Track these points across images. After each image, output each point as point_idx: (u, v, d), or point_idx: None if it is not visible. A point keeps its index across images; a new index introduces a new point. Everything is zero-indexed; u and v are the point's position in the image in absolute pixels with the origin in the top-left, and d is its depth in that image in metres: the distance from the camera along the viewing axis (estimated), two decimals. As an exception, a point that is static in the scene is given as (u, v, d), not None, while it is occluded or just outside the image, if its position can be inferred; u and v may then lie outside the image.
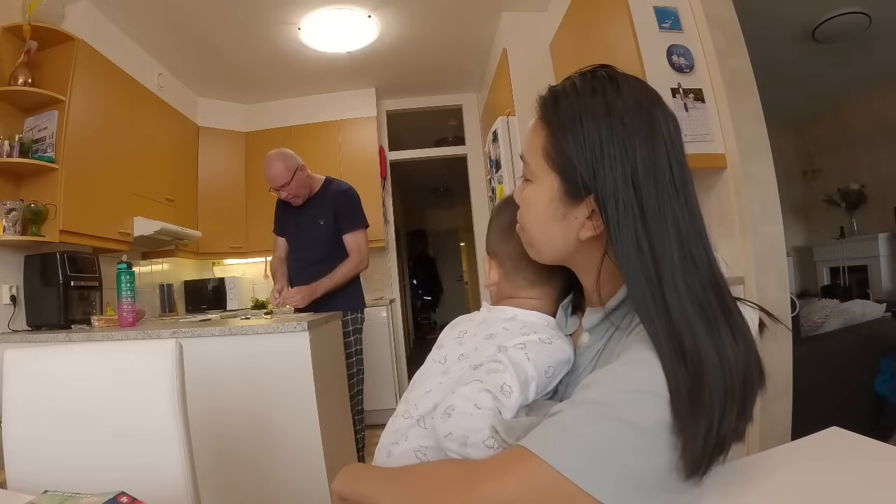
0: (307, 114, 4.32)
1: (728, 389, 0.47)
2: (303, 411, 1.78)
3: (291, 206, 2.47)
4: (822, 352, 2.16)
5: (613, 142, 0.52)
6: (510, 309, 0.70)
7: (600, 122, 0.53)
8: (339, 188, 2.49)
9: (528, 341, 0.62)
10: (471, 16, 3.33)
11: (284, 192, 2.38)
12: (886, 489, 0.50)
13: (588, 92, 0.55)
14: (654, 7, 2.14)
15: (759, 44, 2.23)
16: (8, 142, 2.27)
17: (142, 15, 2.97)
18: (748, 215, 1.92)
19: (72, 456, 0.98)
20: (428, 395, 0.65)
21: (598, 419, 0.46)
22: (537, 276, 0.70)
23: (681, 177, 0.53)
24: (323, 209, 2.43)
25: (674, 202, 0.52)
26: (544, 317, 0.69)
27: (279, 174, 2.33)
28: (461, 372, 0.64)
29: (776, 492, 0.53)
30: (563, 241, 0.59)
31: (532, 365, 0.59)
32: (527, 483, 0.45)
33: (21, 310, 2.36)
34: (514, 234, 0.69)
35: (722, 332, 0.49)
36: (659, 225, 0.51)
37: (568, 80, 0.59)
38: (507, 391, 0.56)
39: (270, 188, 2.39)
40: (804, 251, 5.72)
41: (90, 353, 1.09)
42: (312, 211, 2.45)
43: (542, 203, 0.59)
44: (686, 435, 0.45)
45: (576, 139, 0.54)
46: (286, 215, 2.56)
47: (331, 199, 2.44)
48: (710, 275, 0.52)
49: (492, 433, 0.54)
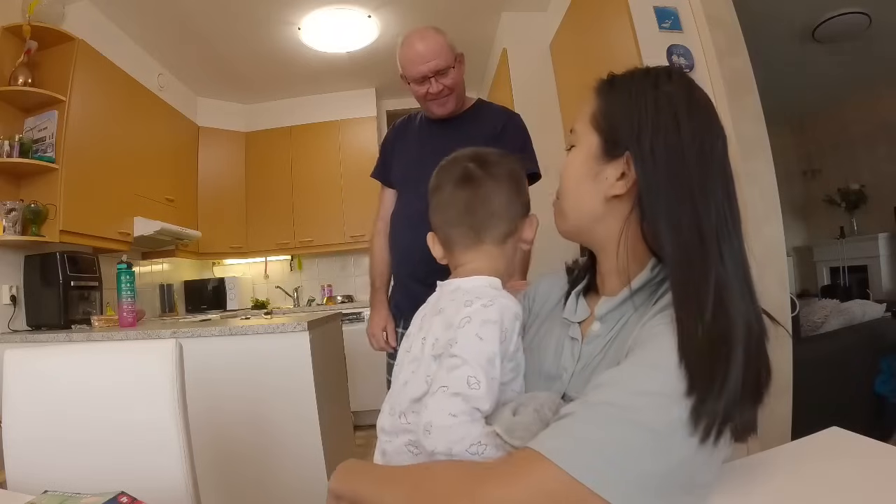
0: (307, 114, 4.32)
1: (748, 353, 0.48)
2: (303, 411, 1.78)
3: (417, 129, 1.63)
4: (822, 352, 2.16)
5: (662, 111, 0.56)
6: (454, 281, 0.71)
7: (647, 93, 0.57)
8: (501, 110, 1.63)
9: (471, 312, 0.62)
10: (471, 16, 3.32)
11: (438, 82, 1.46)
12: (886, 489, 0.50)
13: (641, 74, 0.61)
14: (654, 7, 2.14)
15: (759, 44, 2.22)
16: (8, 142, 2.27)
17: (142, 15, 2.97)
18: (748, 215, 1.92)
19: (72, 456, 0.98)
20: (406, 388, 0.66)
21: (610, 421, 0.46)
22: (468, 237, 0.71)
23: (721, 155, 0.56)
24: (472, 136, 1.41)
25: (716, 179, 0.55)
26: (484, 279, 0.69)
27: (441, 48, 1.45)
28: (428, 361, 0.64)
29: (777, 492, 0.53)
30: (591, 202, 0.61)
31: (486, 343, 0.59)
32: (536, 487, 0.45)
33: (21, 310, 2.36)
34: (440, 204, 0.72)
35: (752, 302, 0.52)
36: (700, 189, 0.54)
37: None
38: (473, 384, 0.56)
39: (413, 75, 1.47)
40: (804, 251, 5.72)
41: (90, 354, 1.09)
42: (455, 134, 1.50)
43: (578, 161, 0.63)
44: (701, 389, 0.45)
45: (623, 103, 0.59)
46: (405, 146, 1.61)
47: (488, 122, 1.56)
48: (742, 248, 0.54)
49: (492, 438, 0.54)
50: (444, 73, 1.46)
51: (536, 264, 1.29)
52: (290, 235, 4.22)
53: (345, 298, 4.28)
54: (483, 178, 0.71)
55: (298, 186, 4.23)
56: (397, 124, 1.70)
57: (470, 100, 1.61)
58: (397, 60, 1.50)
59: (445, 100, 1.50)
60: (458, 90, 1.51)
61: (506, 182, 0.71)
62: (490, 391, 0.57)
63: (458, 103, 1.54)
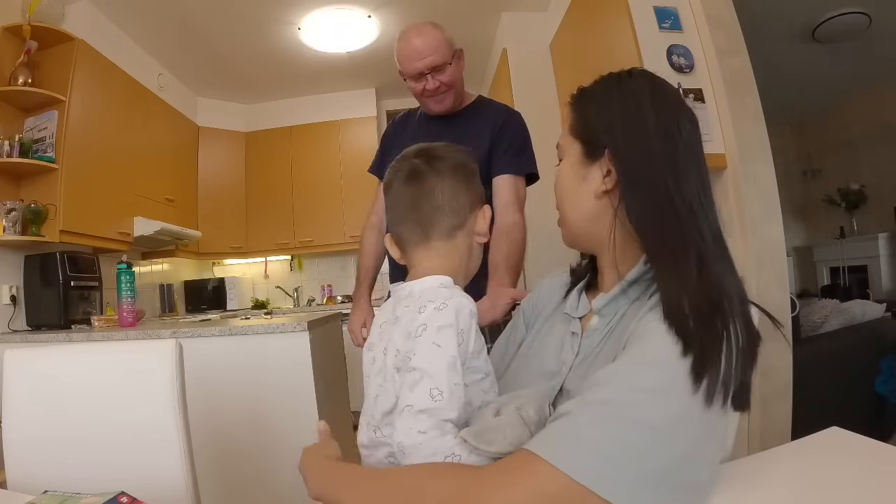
0: (307, 114, 4.32)
1: (739, 319, 0.51)
2: (303, 411, 1.78)
3: (416, 125, 1.61)
4: (822, 352, 2.16)
5: (628, 105, 0.60)
6: (406, 285, 0.70)
7: (613, 93, 0.62)
8: (501, 108, 1.58)
9: (426, 319, 0.60)
10: (471, 16, 3.33)
11: (434, 78, 1.43)
12: (886, 489, 0.50)
13: (606, 79, 0.66)
14: (654, 7, 2.14)
15: (759, 44, 2.22)
16: (8, 142, 2.27)
17: (142, 15, 2.97)
18: (748, 215, 1.91)
19: (72, 456, 0.98)
20: (377, 401, 0.65)
21: (608, 420, 0.46)
22: (416, 234, 0.71)
23: (690, 138, 0.59)
24: (471, 134, 1.46)
25: (686, 161, 0.58)
26: (435, 279, 0.67)
27: (437, 44, 1.42)
28: (392, 373, 0.63)
29: (777, 491, 0.53)
30: (584, 203, 0.64)
31: (444, 349, 0.58)
32: (536, 489, 0.44)
33: (21, 310, 2.36)
34: (391, 203, 0.72)
35: (734, 272, 0.56)
36: (671, 172, 0.57)
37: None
38: (436, 396, 0.56)
39: (409, 71, 1.45)
40: (804, 251, 5.71)
41: (90, 354, 1.09)
42: (454, 131, 1.47)
43: (566, 170, 0.67)
44: (700, 353, 0.47)
45: (594, 107, 0.64)
46: (403, 142, 1.50)
47: (487, 119, 1.51)
48: (717, 224, 0.58)
49: (459, 443, 0.54)
50: (441, 70, 1.43)
51: (538, 268, 1.29)
52: (290, 235, 4.22)
53: (345, 298, 4.27)
54: (427, 172, 0.70)
55: (298, 186, 4.23)
56: (397, 120, 1.70)
57: (470, 96, 1.59)
58: (395, 56, 1.48)
59: (443, 97, 1.47)
60: (455, 87, 1.48)
61: (450, 175, 0.71)
62: (453, 399, 0.56)
63: (456, 100, 1.51)
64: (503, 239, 1.36)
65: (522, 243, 1.42)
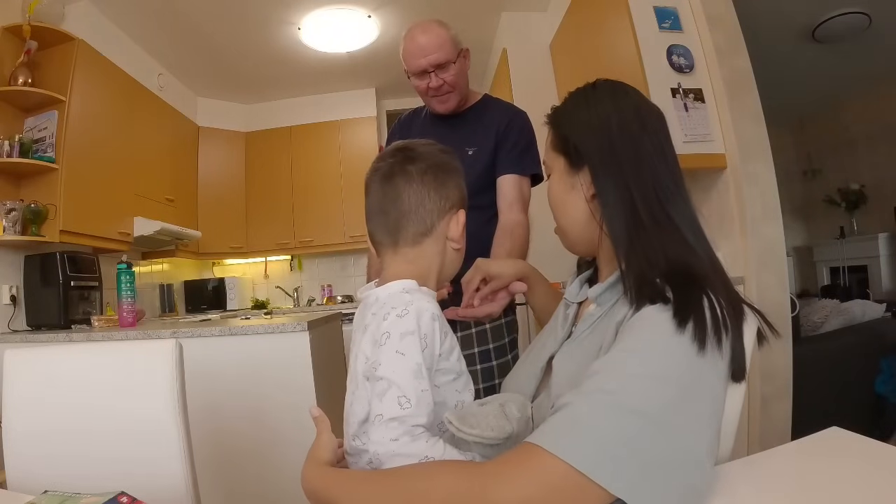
0: (307, 114, 4.32)
1: (717, 284, 0.55)
2: (303, 411, 1.76)
3: (421, 124, 1.60)
4: (822, 352, 2.16)
5: (592, 113, 0.66)
6: (372, 292, 0.69)
7: (579, 104, 0.68)
8: (507, 107, 1.57)
9: (389, 327, 0.60)
10: (471, 16, 3.33)
11: (438, 76, 1.42)
12: (886, 489, 0.50)
13: (574, 93, 0.71)
14: (654, 7, 2.14)
15: (759, 44, 2.23)
16: (8, 142, 2.27)
17: (142, 15, 2.97)
18: (748, 215, 1.92)
19: (72, 456, 0.98)
20: (352, 409, 0.66)
21: (606, 409, 0.47)
22: (386, 238, 0.70)
23: (655, 132, 0.64)
24: (476, 133, 1.49)
25: (652, 151, 0.62)
26: (398, 284, 0.66)
27: (442, 42, 1.41)
28: (362, 381, 0.64)
29: (777, 491, 0.53)
30: (577, 210, 0.67)
31: (408, 357, 0.59)
32: (539, 480, 0.45)
33: (21, 310, 2.36)
34: (366, 206, 0.72)
35: (708, 246, 0.61)
36: (636, 165, 0.61)
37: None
38: (404, 404, 0.56)
39: (413, 68, 1.44)
40: (804, 251, 5.71)
41: (90, 354, 1.09)
42: (459, 130, 1.50)
43: (556, 182, 0.70)
44: (688, 311, 0.50)
45: (566, 120, 0.69)
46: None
47: (493, 118, 1.51)
48: (690, 207, 0.62)
49: (438, 449, 0.56)
50: (445, 68, 1.41)
51: (540, 268, 1.29)
52: (290, 235, 4.22)
53: (345, 298, 4.28)
54: (396, 175, 0.68)
55: (298, 186, 4.23)
56: (402, 119, 1.68)
57: (476, 95, 1.56)
58: (400, 53, 1.47)
59: (447, 96, 1.45)
60: (460, 86, 1.46)
61: (419, 179, 0.68)
62: (421, 405, 0.57)
63: (460, 101, 1.49)
64: (507, 236, 1.37)
65: (525, 242, 1.41)
